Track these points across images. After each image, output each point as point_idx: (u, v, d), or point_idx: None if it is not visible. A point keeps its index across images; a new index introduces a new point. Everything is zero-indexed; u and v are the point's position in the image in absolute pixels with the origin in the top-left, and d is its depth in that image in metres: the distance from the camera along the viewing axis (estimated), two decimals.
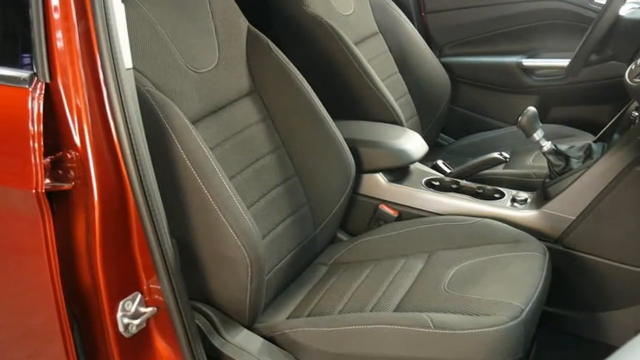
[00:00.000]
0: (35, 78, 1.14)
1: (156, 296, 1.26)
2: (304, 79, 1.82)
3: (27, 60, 1.16)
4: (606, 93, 2.53)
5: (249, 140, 1.73)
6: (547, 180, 1.89)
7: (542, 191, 1.88)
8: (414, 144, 2.07)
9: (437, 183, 2.00)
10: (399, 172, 2.05)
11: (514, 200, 1.89)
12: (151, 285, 1.25)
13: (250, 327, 1.53)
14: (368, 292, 1.61)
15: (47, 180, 1.13)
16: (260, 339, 1.51)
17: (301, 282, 1.76)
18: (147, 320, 1.27)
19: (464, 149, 2.60)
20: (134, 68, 1.20)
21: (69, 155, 1.14)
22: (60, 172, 1.15)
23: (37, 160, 1.12)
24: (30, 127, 1.12)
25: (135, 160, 1.17)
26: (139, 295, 1.24)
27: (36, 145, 1.12)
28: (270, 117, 1.81)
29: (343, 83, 2.24)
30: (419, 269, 1.67)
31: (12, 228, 1.23)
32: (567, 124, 2.55)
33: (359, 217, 2.03)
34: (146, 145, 1.20)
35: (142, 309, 1.24)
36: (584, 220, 1.73)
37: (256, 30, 1.83)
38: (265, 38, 1.82)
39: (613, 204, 1.69)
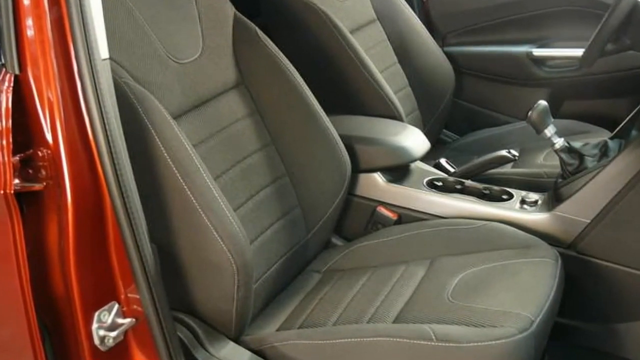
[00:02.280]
0: (4, 69, 1.14)
1: (135, 306, 1.26)
2: (295, 70, 1.83)
3: None
4: (623, 85, 2.55)
5: (236, 136, 1.73)
6: (560, 180, 1.90)
7: (554, 192, 1.89)
8: (414, 140, 2.08)
9: (439, 183, 2.01)
10: (399, 172, 2.06)
11: (523, 202, 1.90)
12: (129, 295, 1.26)
13: (236, 340, 1.54)
14: (365, 301, 1.62)
15: (17, 181, 1.13)
16: (248, 353, 1.52)
17: (292, 291, 1.76)
18: (125, 333, 1.27)
19: (469, 147, 2.62)
20: (110, 59, 1.21)
21: (40, 154, 1.15)
22: (30, 171, 1.15)
23: (6, 158, 1.12)
24: None
25: (112, 159, 1.17)
26: (116, 306, 1.25)
27: (4, 142, 1.12)
28: (259, 111, 1.82)
29: (338, 75, 2.25)
30: (420, 277, 1.68)
31: None
32: (581, 119, 2.57)
33: (355, 220, 2.04)
34: (124, 143, 1.20)
35: (120, 320, 1.25)
36: (600, 223, 1.74)
37: (243, 17, 1.84)
38: (254, 26, 1.83)
39: (631, 206, 1.70)
